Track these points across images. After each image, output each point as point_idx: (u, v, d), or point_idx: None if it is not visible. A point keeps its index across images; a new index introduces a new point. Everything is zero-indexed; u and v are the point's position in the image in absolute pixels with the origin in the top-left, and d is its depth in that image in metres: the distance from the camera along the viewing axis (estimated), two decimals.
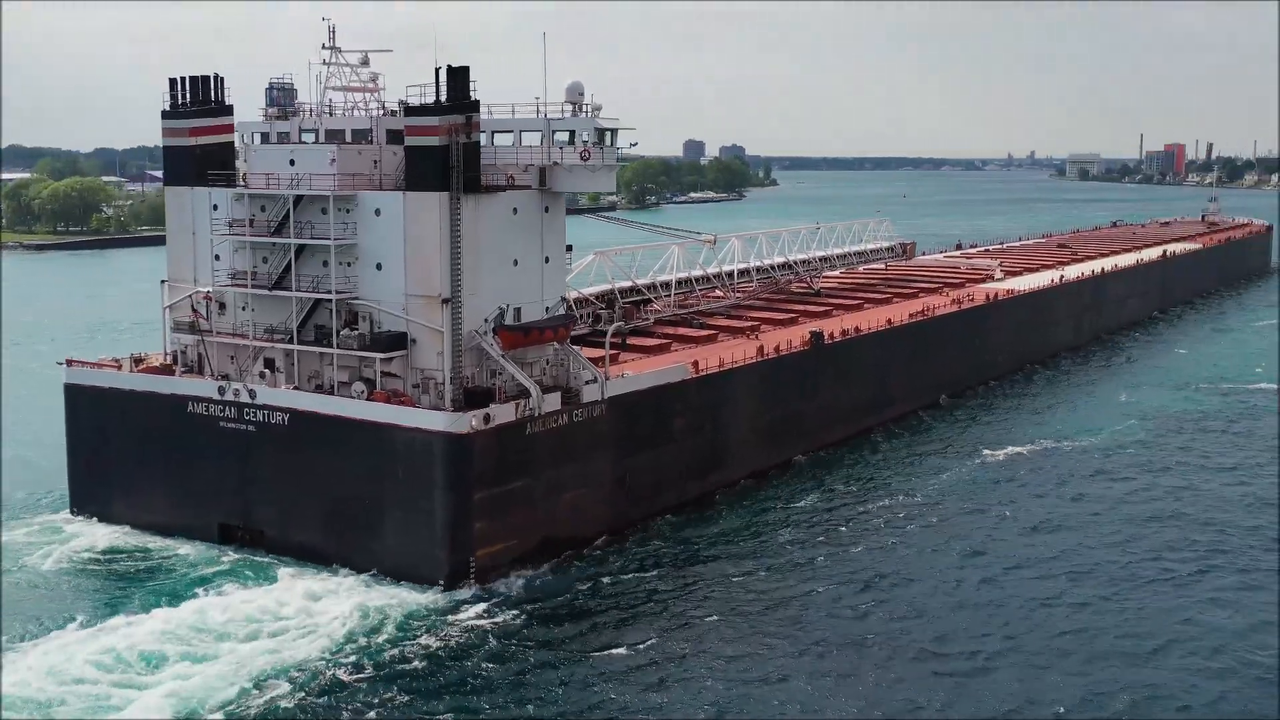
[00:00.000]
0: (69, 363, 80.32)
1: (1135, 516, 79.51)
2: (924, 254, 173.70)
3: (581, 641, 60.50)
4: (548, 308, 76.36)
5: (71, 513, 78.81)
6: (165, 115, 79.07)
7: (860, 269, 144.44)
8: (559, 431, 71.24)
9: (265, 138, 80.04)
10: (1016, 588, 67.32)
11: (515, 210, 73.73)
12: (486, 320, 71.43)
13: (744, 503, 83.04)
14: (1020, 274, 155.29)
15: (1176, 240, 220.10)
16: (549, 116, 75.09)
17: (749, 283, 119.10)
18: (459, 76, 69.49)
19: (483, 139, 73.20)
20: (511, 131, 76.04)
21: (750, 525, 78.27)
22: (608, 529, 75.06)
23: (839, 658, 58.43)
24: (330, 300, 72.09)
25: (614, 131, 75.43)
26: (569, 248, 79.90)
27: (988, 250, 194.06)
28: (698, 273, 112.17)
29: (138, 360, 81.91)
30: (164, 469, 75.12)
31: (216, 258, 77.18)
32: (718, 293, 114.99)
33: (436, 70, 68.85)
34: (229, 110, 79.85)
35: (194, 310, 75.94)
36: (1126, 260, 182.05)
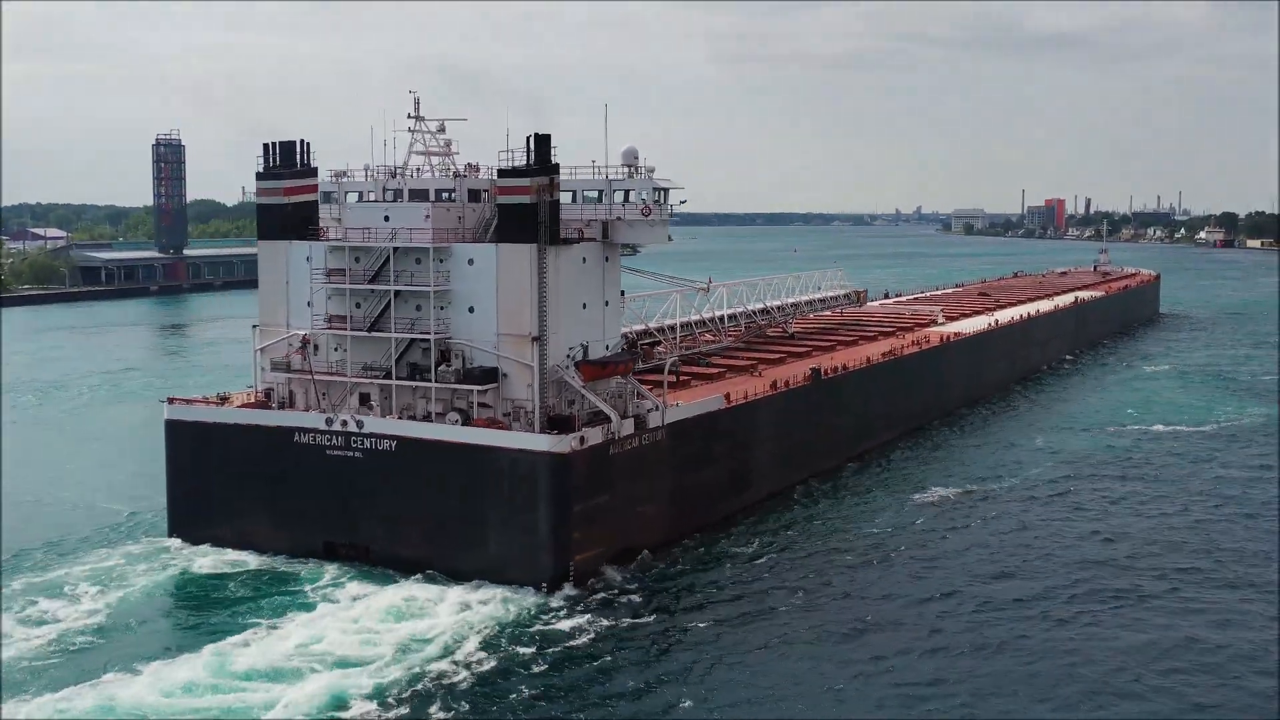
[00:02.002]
0: (170, 400, 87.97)
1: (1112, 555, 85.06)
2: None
3: (673, 632, 69.71)
4: (608, 345, 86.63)
5: (170, 537, 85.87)
6: (260, 176, 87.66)
7: (812, 315, 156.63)
8: (632, 453, 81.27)
9: (360, 196, 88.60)
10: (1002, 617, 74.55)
11: (584, 259, 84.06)
12: (568, 355, 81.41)
13: (769, 518, 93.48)
14: (958, 319, 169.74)
15: (1081, 288, 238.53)
16: (610, 178, 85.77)
17: (736, 327, 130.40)
18: (543, 143, 79.94)
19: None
20: (574, 190, 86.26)
21: (779, 535, 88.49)
22: (666, 539, 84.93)
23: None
24: (423, 340, 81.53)
25: (667, 190, 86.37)
26: (622, 293, 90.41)
27: (916, 298, 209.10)
28: (695, 317, 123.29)
29: (223, 398, 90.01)
30: (269, 493, 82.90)
31: (309, 304, 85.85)
32: (708, 336, 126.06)
33: (527, 138, 79.35)
34: (314, 172, 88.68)
35: (299, 350, 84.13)
36: (1046, 306, 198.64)
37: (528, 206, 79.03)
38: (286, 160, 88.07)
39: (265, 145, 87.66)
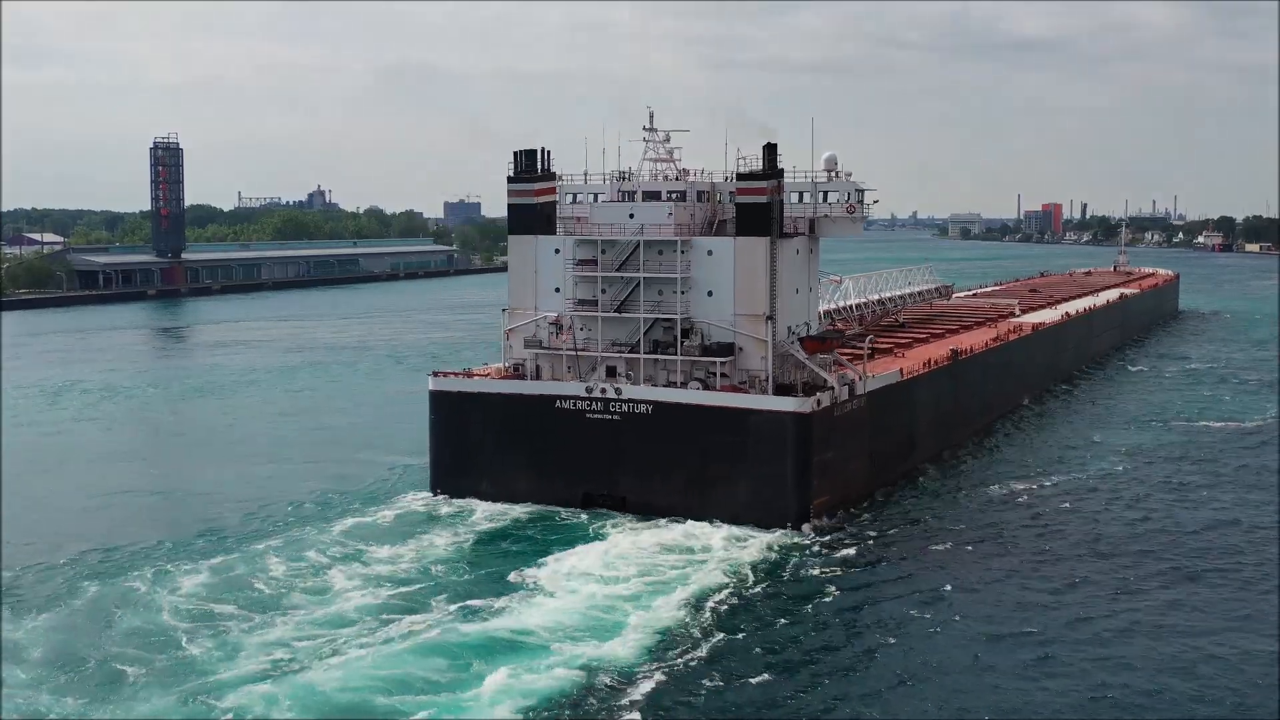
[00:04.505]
0: (434, 374, 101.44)
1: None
2: None
3: (902, 564, 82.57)
4: (811, 325, 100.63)
5: (433, 494, 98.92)
6: (511, 180, 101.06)
7: (913, 307, 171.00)
8: (847, 415, 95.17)
9: (586, 196, 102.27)
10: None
11: (798, 251, 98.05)
12: (791, 332, 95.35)
13: (934, 480, 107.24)
14: (1030, 311, 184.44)
15: (1114, 286, 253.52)
16: (815, 181, 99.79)
17: (860, 315, 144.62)
18: (772, 151, 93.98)
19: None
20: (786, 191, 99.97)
21: (946, 495, 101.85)
22: (864, 492, 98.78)
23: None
24: (666, 319, 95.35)
25: (863, 191, 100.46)
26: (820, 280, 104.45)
27: (977, 293, 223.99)
28: (830, 306, 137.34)
29: (469, 373, 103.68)
30: (531, 452, 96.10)
31: (556, 290, 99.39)
32: (838, 324, 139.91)
33: (764, 147, 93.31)
34: (553, 175, 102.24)
35: (568, 330, 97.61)
36: (1099, 301, 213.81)
37: (763, 205, 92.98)
38: (529, 165, 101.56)
39: (515, 153, 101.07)
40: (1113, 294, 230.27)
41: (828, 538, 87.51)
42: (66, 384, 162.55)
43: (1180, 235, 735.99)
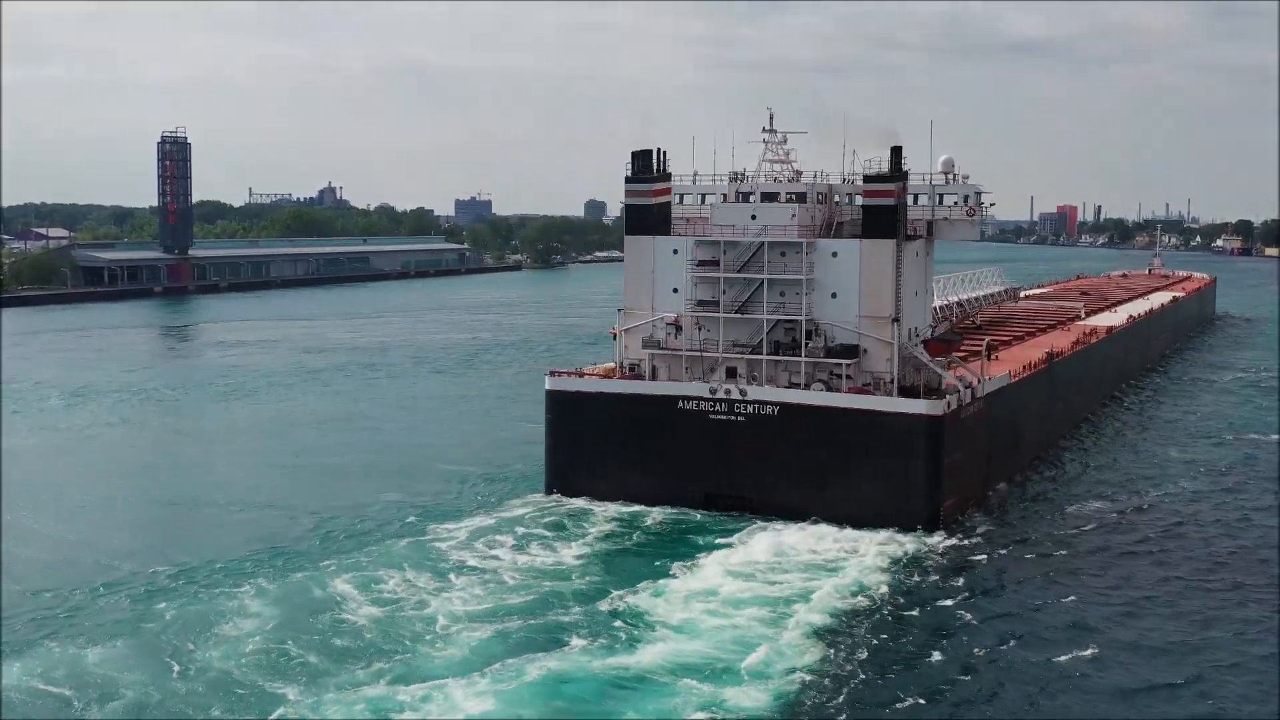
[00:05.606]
0: (552, 373, 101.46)
1: None
2: None
3: (1030, 560, 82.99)
4: (931, 327, 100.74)
5: (547, 493, 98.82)
6: (629, 180, 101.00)
7: (984, 309, 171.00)
8: (970, 417, 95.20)
9: (696, 197, 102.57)
10: None
11: (917, 254, 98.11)
12: (914, 333, 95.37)
13: (1040, 483, 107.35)
14: (1093, 314, 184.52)
15: (1158, 290, 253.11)
16: (934, 184, 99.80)
17: (944, 318, 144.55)
18: (897, 154, 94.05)
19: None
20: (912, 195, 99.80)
21: (1057, 501, 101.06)
22: (981, 495, 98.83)
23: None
24: (787, 320, 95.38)
25: (980, 194, 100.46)
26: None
27: (1026, 294, 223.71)
28: None
29: (580, 373, 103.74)
30: (651, 451, 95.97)
31: (674, 290, 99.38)
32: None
33: (891, 149, 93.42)
34: (669, 176, 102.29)
35: (676, 327, 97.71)
36: (1153, 304, 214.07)
37: (890, 208, 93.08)
38: (645, 167, 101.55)
39: (633, 154, 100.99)
40: (1165, 297, 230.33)
41: (962, 555, 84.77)
42: (80, 385, 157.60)
43: (1198, 238, 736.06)
